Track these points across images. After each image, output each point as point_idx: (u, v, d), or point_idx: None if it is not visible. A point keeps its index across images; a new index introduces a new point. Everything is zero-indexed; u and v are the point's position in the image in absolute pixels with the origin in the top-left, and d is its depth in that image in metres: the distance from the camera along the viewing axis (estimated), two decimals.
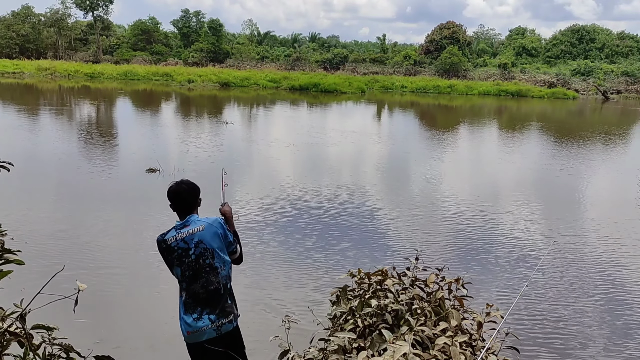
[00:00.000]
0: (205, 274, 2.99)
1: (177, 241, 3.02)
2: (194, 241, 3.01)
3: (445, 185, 11.50)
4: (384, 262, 6.39)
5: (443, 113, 31.02)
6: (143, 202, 9.03)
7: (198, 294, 2.98)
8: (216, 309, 3.00)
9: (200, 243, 3.01)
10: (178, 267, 3.03)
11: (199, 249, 3.00)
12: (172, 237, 3.04)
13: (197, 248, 3.00)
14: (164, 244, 3.04)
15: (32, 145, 13.97)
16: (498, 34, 65.08)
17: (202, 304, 2.98)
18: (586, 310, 5.59)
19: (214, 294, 3.01)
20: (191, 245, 3.01)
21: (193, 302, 2.99)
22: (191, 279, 3.00)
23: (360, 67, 53.92)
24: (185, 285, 3.02)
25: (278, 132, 18.94)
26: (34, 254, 6.16)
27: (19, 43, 52.77)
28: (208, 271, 3.00)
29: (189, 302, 2.99)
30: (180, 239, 3.02)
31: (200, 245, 3.01)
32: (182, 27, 60.57)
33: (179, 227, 3.06)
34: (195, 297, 2.98)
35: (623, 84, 46.11)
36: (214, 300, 3.00)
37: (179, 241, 3.02)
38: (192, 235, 3.02)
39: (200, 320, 2.96)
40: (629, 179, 13.13)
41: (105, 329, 4.81)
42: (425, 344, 2.64)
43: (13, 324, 1.87)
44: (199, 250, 3.00)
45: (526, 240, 7.82)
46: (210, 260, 3.02)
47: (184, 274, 3.01)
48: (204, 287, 2.98)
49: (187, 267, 3.00)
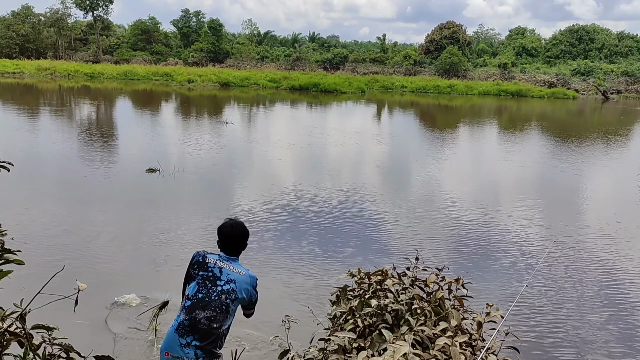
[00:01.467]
0: (219, 310, 2.86)
1: (216, 266, 2.94)
2: (229, 277, 2.93)
3: (445, 185, 11.51)
4: (384, 262, 6.39)
5: (443, 113, 31.02)
6: (143, 202, 9.02)
7: (199, 323, 2.82)
8: (206, 347, 2.83)
9: (232, 282, 2.92)
10: (196, 285, 2.90)
11: (229, 286, 2.91)
12: (214, 259, 2.97)
13: (227, 284, 2.91)
14: (201, 258, 2.97)
15: (32, 145, 13.97)
16: (498, 34, 65.23)
17: (197, 335, 2.81)
18: (586, 310, 5.59)
19: (213, 332, 2.85)
20: (224, 277, 2.92)
21: (189, 327, 2.82)
22: (202, 305, 2.84)
23: (360, 67, 53.92)
24: (191, 306, 2.85)
25: (278, 132, 18.95)
26: (34, 254, 6.16)
27: (19, 43, 52.73)
28: (223, 310, 2.87)
29: (184, 325, 2.83)
30: (219, 267, 2.94)
31: (231, 284, 2.92)
32: (182, 27, 60.58)
33: (224, 258, 2.99)
34: (195, 325, 2.82)
35: (623, 84, 46.13)
36: (209, 337, 2.84)
37: (217, 266, 2.94)
38: (230, 272, 2.95)
39: (187, 349, 2.79)
40: (630, 179, 13.13)
41: (106, 328, 4.81)
42: (425, 344, 2.64)
43: (13, 324, 1.87)
44: (227, 287, 2.91)
45: (526, 240, 7.82)
46: (231, 302, 2.91)
47: (197, 295, 2.87)
48: (210, 320, 2.83)
49: (206, 293, 2.87)
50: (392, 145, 17.11)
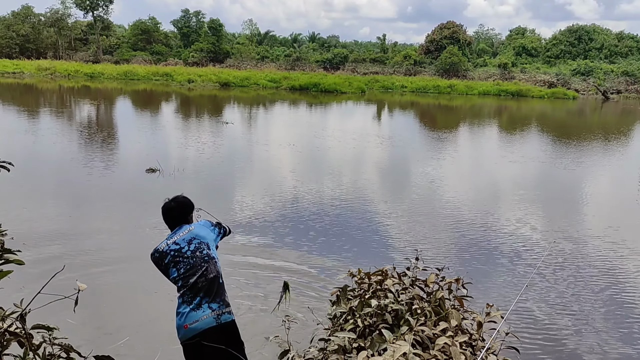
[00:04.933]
0: (204, 263, 3.03)
1: (169, 246, 3.10)
2: (185, 240, 3.09)
3: (446, 185, 11.50)
4: (384, 262, 6.38)
5: (443, 113, 31.02)
6: (143, 202, 9.02)
7: (197, 284, 2.98)
8: (216, 297, 3.01)
9: (194, 239, 3.10)
10: (173, 268, 3.05)
11: (193, 244, 3.08)
12: (164, 244, 3.13)
13: (191, 244, 3.08)
14: (157, 254, 3.12)
15: (32, 145, 13.96)
16: (498, 34, 65.26)
17: (202, 293, 2.98)
18: (586, 310, 5.59)
19: (214, 281, 3.03)
20: (183, 244, 3.08)
21: (192, 292, 2.98)
22: (189, 273, 3.00)
23: (360, 67, 53.89)
24: (182, 282, 3.01)
25: (278, 132, 18.95)
26: (34, 253, 6.16)
27: (19, 43, 52.73)
28: (207, 260, 3.05)
29: (188, 294, 2.98)
30: (172, 243, 3.10)
31: (194, 241, 3.09)
32: (182, 27, 60.57)
33: (170, 236, 3.16)
34: (195, 288, 2.98)
35: (623, 84, 46.10)
36: (214, 288, 3.01)
37: (170, 245, 3.10)
38: (184, 236, 3.11)
39: (200, 309, 2.95)
40: (630, 179, 13.13)
41: (106, 328, 4.81)
42: (425, 344, 2.64)
43: (13, 324, 1.87)
44: (193, 246, 3.07)
45: (526, 240, 7.82)
46: (207, 251, 3.09)
47: (179, 271, 3.03)
48: (204, 275, 3.00)
49: (183, 264, 3.03)
50: (392, 146, 17.10)
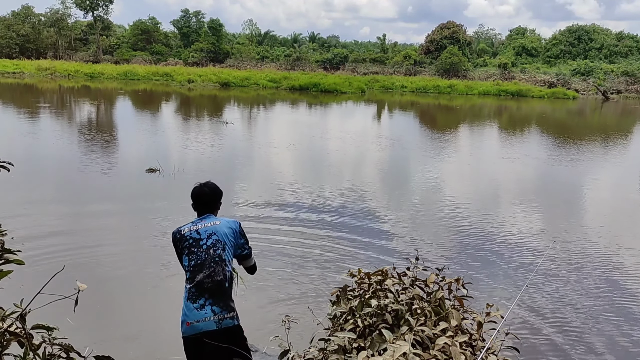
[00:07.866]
0: (214, 264, 3.03)
1: (191, 232, 3.12)
2: (207, 232, 3.11)
3: (446, 185, 11.51)
4: (384, 262, 6.38)
5: (443, 113, 31.02)
6: (143, 202, 9.02)
7: (203, 283, 2.99)
8: (220, 302, 3.01)
9: (213, 235, 3.11)
10: (186, 257, 3.07)
11: (212, 240, 3.09)
12: (187, 228, 3.15)
13: (209, 239, 3.09)
14: (178, 234, 3.14)
15: (32, 145, 13.97)
16: (498, 34, 65.24)
17: (207, 294, 2.99)
18: (587, 310, 5.59)
19: (220, 285, 3.02)
20: (203, 236, 3.09)
21: (197, 291, 2.99)
22: (197, 269, 3.02)
23: (360, 67, 53.91)
24: (191, 274, 3.03)
25: (278, 132, 18.95)
26: (34, 253, 6.16)
27: (19, 43, 52.74)
28: (217, 262, 3.05)
29: (193, 292, 3.00)
30: (194, 230, 3.12)
31: (213, 237, 3.10)
32: (182, 27, 60.62)
33: (196, 221, 3.18)
34: (200, 287, 2.99)
35: (623, 84, 46.08)
36: (218, 291, 3.01)
37: (192, 232, 3.12)
38: (207, 228, 3.13)
39: (203, 310, 2.96)
40: (630, 179, 13.13)
41: (106, 328, 4.81)
42: (425, 344, 2.64)
43: (13, 324, 1.87)
44: (211, 242, 3.08)
45: (527, 240, 7.82)
46: (221, 252, 3.09)
47: (189, 263, 3.05)
48: (210, 276, 3.00)
49: (195, 257, 3.04)
50: (392, 146, 17.10)
